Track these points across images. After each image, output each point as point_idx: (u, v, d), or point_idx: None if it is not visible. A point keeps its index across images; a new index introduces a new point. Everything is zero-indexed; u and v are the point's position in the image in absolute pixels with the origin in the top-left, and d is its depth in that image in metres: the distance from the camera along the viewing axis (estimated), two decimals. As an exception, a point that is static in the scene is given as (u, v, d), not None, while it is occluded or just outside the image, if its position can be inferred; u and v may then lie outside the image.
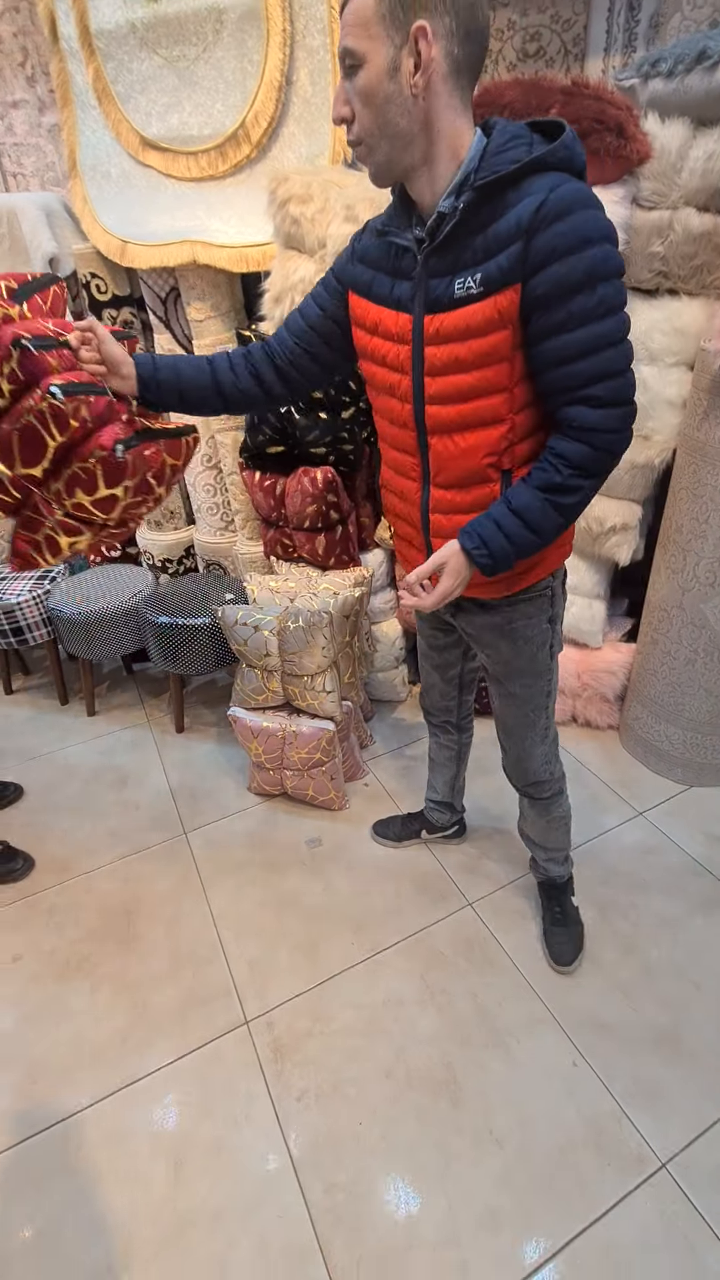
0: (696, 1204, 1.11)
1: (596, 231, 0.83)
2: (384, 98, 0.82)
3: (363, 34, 0.80)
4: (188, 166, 1.78)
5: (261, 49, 1.60)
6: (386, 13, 0.78)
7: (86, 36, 1.72)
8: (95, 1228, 1.15)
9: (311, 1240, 1.11)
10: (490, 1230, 1.10)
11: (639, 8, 1.65)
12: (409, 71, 0.80)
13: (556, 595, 1.18)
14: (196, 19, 1.62)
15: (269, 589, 1.91)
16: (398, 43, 0.79)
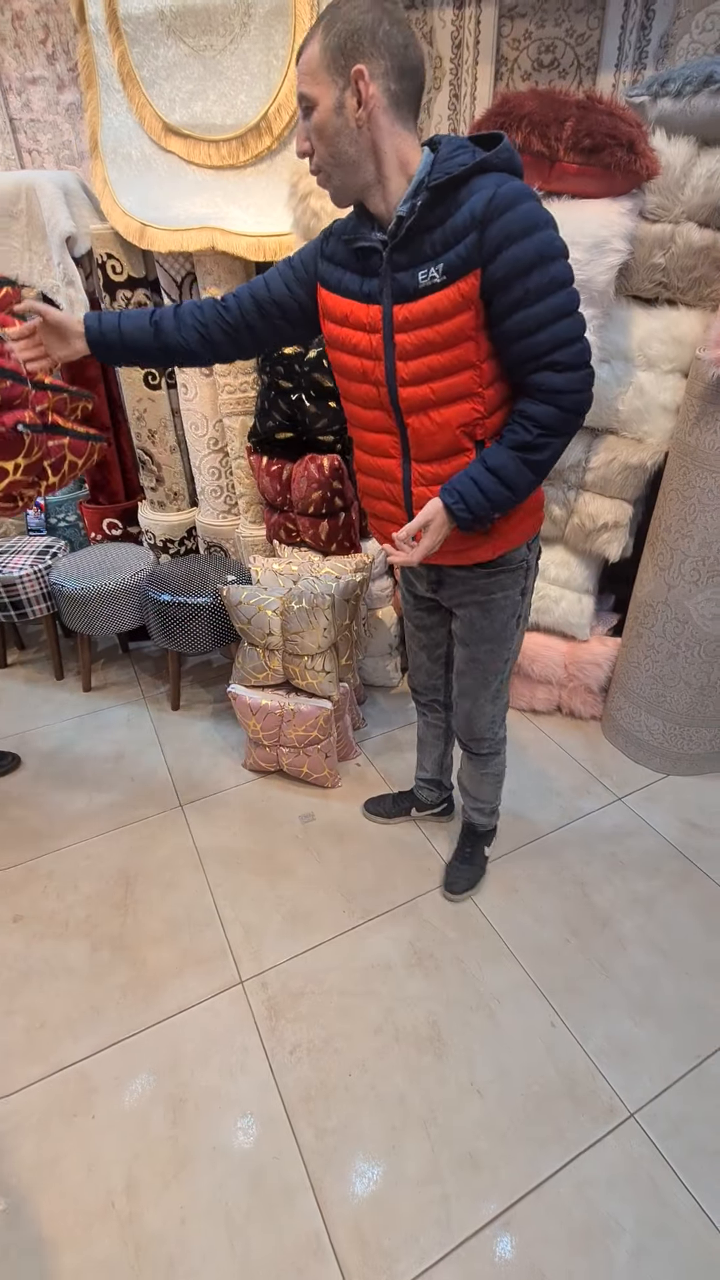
0: (660, 1148, 1.21)
1: (541, 219, 0.96)
2: (334, 131, 0.96)
3: (312, 81, 0.94)
4: (209, 154, 1.82)
5: (288, 44, 1.64)
6: (330, 61, 0.92)
7: (114, 20, 1.74)
8: (98, 1163, 1.21)
9: (304, 1178, 1.18)
10: (471, 1170, 1.19)
11: (650, 27, 1.72)
12: (353, 108, 0.94)
13: (530, 568, 1.28)
14: (225, 10, 1.65)
15: (272, 571, 1.97)
16: (341, 85, 0.93)
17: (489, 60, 1.84)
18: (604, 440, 1.87)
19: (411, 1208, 1.14)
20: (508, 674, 1.42)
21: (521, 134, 1.45)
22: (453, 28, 1.83)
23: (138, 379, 2.17)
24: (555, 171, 1.49)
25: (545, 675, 2.19)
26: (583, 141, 1.42)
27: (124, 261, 1.98)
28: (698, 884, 1.70)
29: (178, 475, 2.36)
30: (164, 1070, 1.34)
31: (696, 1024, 1.40)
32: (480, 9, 1.79)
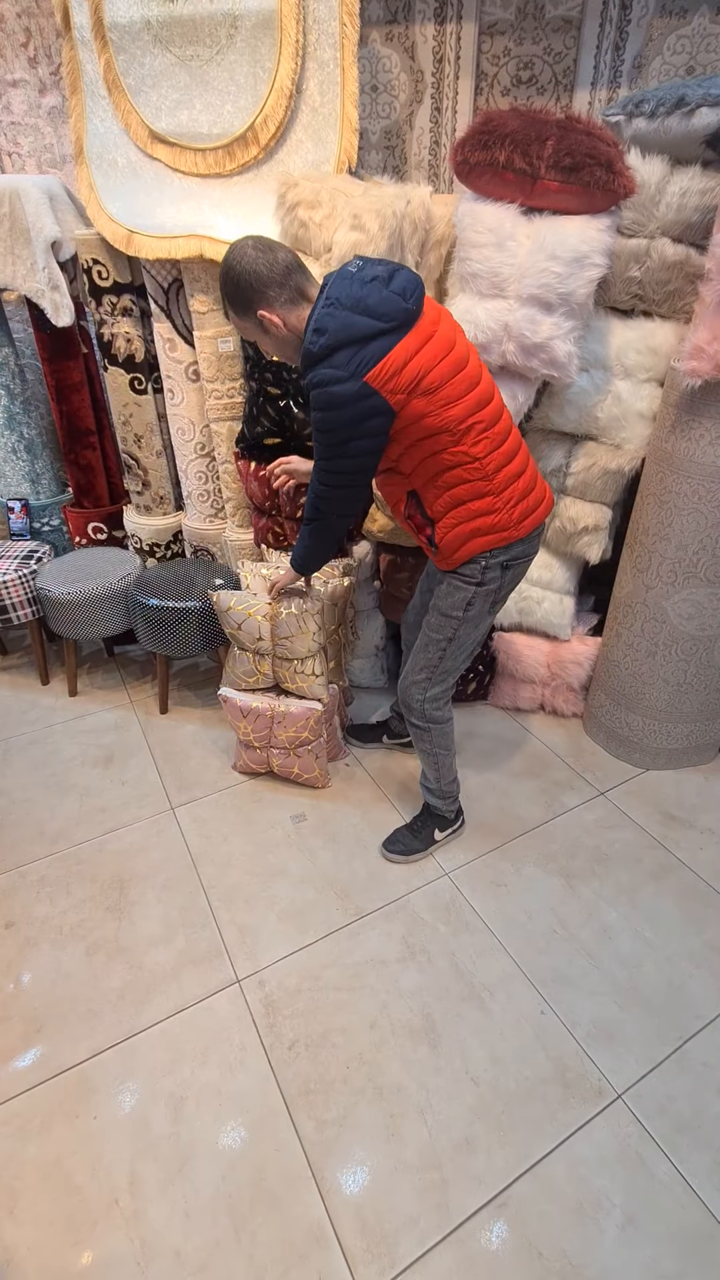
0: (647, 1127, 1.26)
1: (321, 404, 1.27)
2: (274, 344, 1.35)
3: (245, 332, 1.35)
4: (195, 162, 1.84)
5: (274, 56, 1.67)
6: (244, 319, 1.31)
7: (100, 28, 1.75)
8: (101, 1162, 1.22)
9: (305, 1168, 1.21)
10: (467, 1154, 1.23)
11: (624, 48, 1.78)
12: (275, 326, 1.30)
13: (487, 570, 1.47)
14: (211, 22, 1.67)
15: (261, 575, 1.99)
16: (260, 323, 1.30)
17: (469, 75, 1.88)
18: (584, 446, 1.93)
19: (411, 1193, 1.18)
20: (445, 664, 1.60)
21: (505, 152, 1.49)
22: (434, 43, 1.88)
23: (123, 384, 2.17)
24: (537, 189, 1.54)
25: (529, 674, 2.24)
26: (563, 160, 1.47)
27: (110, 267, 1.99)
28: (677, 874, 1.77)
29: (164, 479, 2.37)
30: (164, 1070, 1.36)
31: (678, 1008, 1.46)
32: (461, 26, 1.83)
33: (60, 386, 2.29)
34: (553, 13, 1.78)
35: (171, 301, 1.98)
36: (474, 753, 2.18)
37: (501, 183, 1.57)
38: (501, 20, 1.82)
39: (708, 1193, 1.17)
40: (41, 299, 2.05)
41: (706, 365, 1.52)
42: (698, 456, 1.67)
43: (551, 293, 1.59)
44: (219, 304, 1.90)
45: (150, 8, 1.68)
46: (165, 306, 1.99)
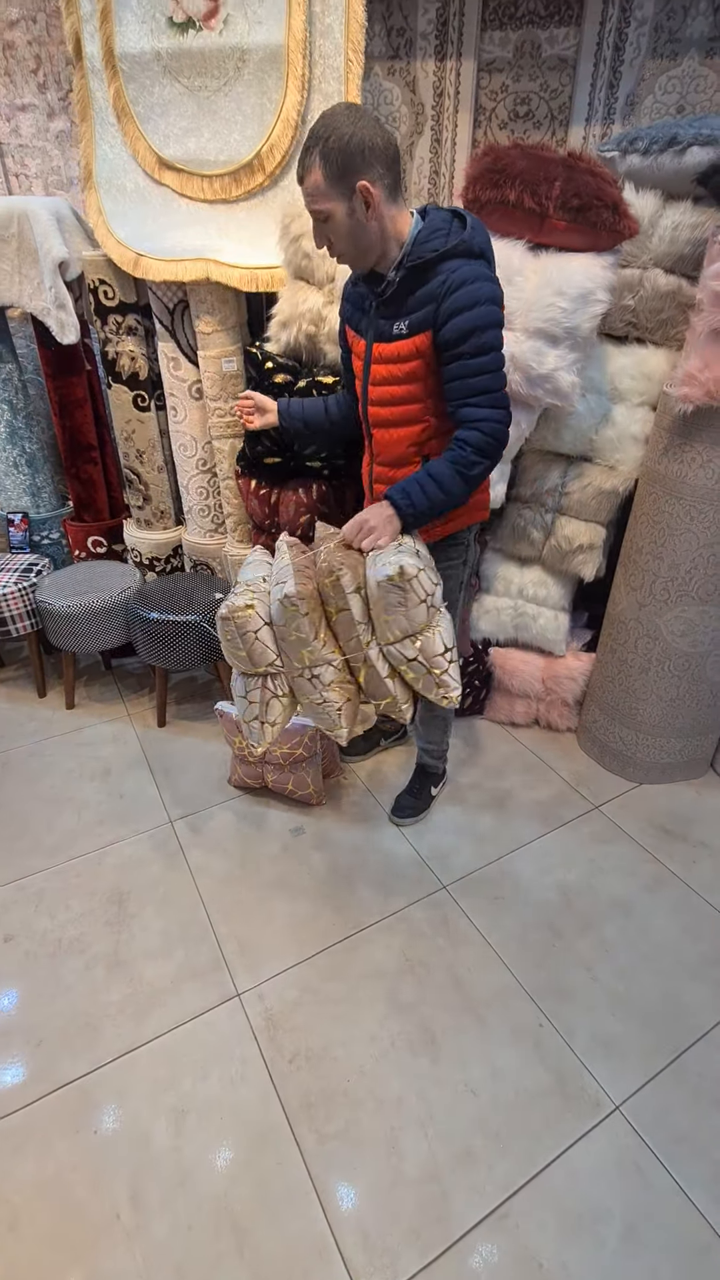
0: (645, 1138, 1.28)
1: (483, 297, 1.24)
2: (349, 231, 1.23)
3: (323, 200, 1.20)
4: (201, 188, 1.89)
5: (281, 89, 1.72)
6: (334, 183, 1.18)
7: (110, 58, 1.80)
8: (102, 1177, 1.22)
9: (306, 1181, 1.22)
10: (467, 1166, 1.24)
11: (617, 86, 1.85)
12: (363, 211, 1.21)
13: (470, 546, 1.64)
14: (220, 55, 1.73)
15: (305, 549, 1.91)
16: (349, 197, 1.19)
17: (468, 109, 1.95)
18: (579, 467, 1.98)
19: (412, 1205, 1.19)
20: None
21: (515, 191, 1.55)
22: (434, 78, 1.94)
23: (126, 401, 2.21)
24: (545, 227, 1.59)
25: (524, 689, 2.28)
26: (571, 201, 1.52)
27: (116, 287, 2.03)
28: (671, 887, 1.80)
29: (165, 494, 2.40)
30: (164, 1084, 1.36)
31: (674, 1019, 1.48)
32: (460, 62, 1.90)
33: (63, 402, 2.32)
34: (549, 52, 1.86)
35: (176, 322, 2.02)
36: (470, 766, 2.21)
37: (510, 220, 1.63)
38: (500, 58, 1.89)
39: (705, 1203, 1.19)
40: (47, 317, 2.08)
41: (698, 391, 1.57)
42: (689, 478, 1.72)
43: (557, 327, 1.64)
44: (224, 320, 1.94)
45: (160, 40, 1.74)
46: (170, 326, 2.03)
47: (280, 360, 1.88)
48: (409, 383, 1.36)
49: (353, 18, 1.68)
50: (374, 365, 1.38)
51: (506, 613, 2.21)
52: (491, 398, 1.30)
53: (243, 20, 1.68)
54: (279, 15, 1.66)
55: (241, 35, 1.69)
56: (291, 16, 1.65)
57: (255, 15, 1.67)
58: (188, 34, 1.71)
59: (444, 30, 1.87)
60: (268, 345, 1.90)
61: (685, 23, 1.76)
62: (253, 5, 1.66)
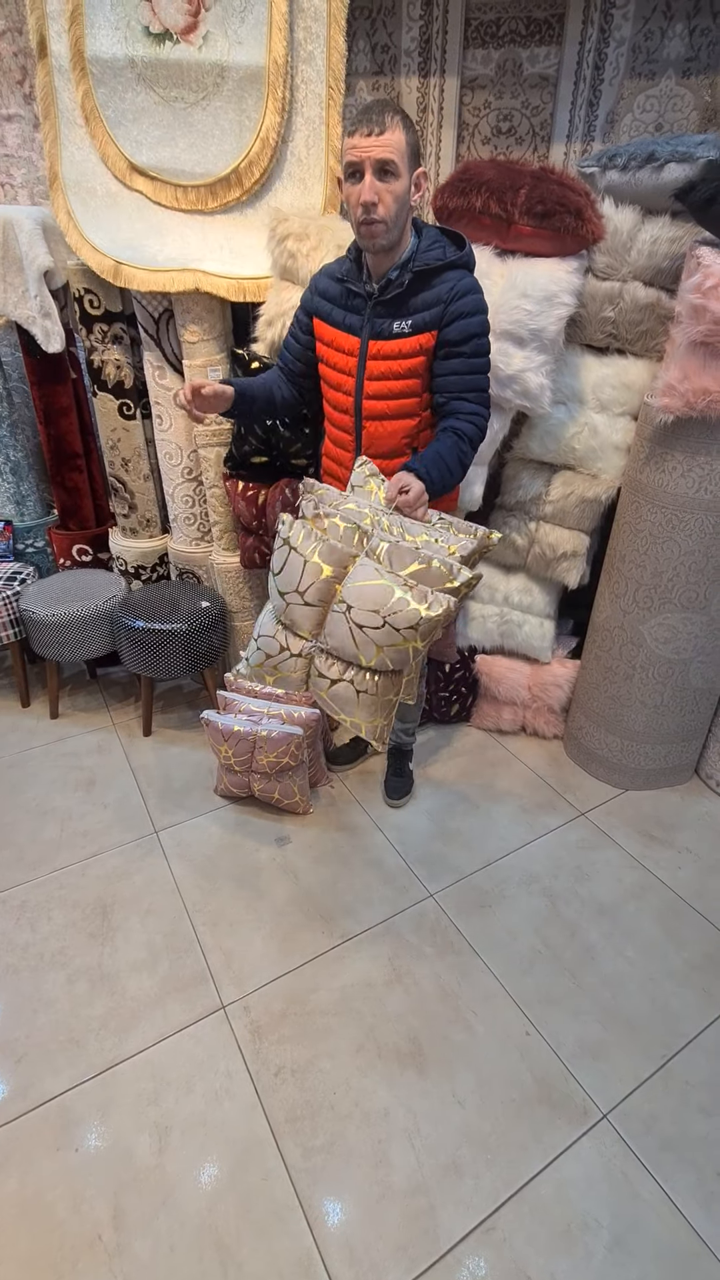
0: (632, 1146, 1.27)
1: (482, 307, 1.41)
2: (401, 202, 1.32)
3: (399, 158, 1.28)
4: (176, 197, 1.88)
5: (260, 109, 1.74)
6: (410, 155, 1.30)
7: (79, 60, 1.77)
8: (84, 1196, 1.20)
9: (292, 1197, 1.20)
10: (454, 1178, 1.23)
11: (597, 105, 1.89)
12: (411, 194, 1.33)
13: None
14: (199, 70, 1.73)
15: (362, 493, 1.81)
16: (410, 175, 1.32)
17: (451, 125, 1.98)
18: (561, 475, 2.00)
19: (399, 1219, 1.17)
20: None
21: (481, 198, 1.58)
22: (418, 94, 1.97)
23: (112, 409, 2.20)
24: (511, 232, 1.63)
25: (510, 696, 2.29)
26: (535, 207, 1.56)
27: (101, 296, 2.03)
28: (657, 893, 1.80)
29: (150, 503, 2.39)
30: (147, 1099, 1.34)
31: (661, 1026, 1.48)
32: (444, 79, 1.93)
33: (48, 410, 2.31)
34: (530, 70, 1.89)
35: (162, 331, 2.02)
36: (457, 774, 2.21)
37: (478, 226, 1.67)
38: (482, 75, 1.93)
39: (692, 1211, 1.19)
40: (33, 326, 2.07)
41: (677, 402, 1.59)
42: (670, 487, 1.74)
43: (523, 328, 1.68)
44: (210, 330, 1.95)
45: (136, 48, 1.74)
46: (155, 336, 2.03)
47: (265, 360, 1.90)
48: (409, 378, 1.45)
49: (333, 48, 1.71)
50: (370, 362, 1.45)
51: (492, 620, 2.22)
52: (483, 396, 1.45)
53: (223, 39, 1.69)
54: (260, 38, 1.67)
55: (221, 53, 1.70)
56: (272, 40, 1.67)
57: (236, 35, 1.68)
58: (164, 45, 1.72)
59: (427, 48, 1.90)
60: (254, 345, 1.92)
61: (662, 44, 1.80)
62: (234, 25, 1.68)
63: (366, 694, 1.43)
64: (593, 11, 1.79)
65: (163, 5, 1.70)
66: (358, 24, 1.90)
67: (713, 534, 1.75)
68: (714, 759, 2.14)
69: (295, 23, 1.69)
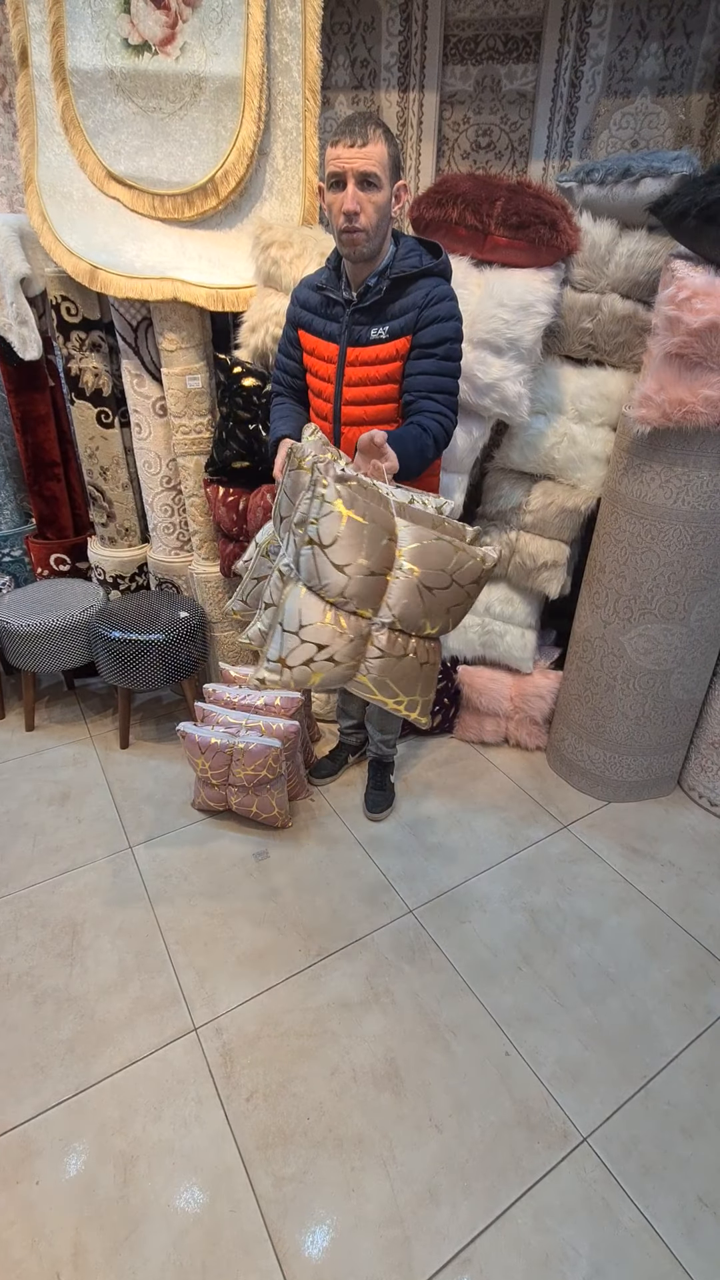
0: (613, 1171, 1.24)
1: (455, 313, 1.43)
2: (381, 213, 1.35)
3: (380, 170, 1.31)
4: (153, 206, 1.88)
5: (237, 119, 1.74)
6: (391, 167, 1.33)
7: (60, 71, 1.78)
8: (43, 1233, 1.14)
9: (261, 1229, 1.16)
10: (431, 1207, 1.18)
11: (574, 121, 1.91)
12: (392, 205, 1.37)
13: None
14: (176, 80, 1.74)
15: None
16: (391, 186, 1.35)
17: (431, 140, 1.99)
18: (541, 485, 1.99)
19: (372, 1252, 1.13)
20: None
21: (457, 209, 1.59)
22: (398, 108, 1.99)
23: (90, 417, 2.18)
24: (488, 243, 1.64)
25: (492, 708, 2.27)
26: (511, 219, 1.57)
27: (78, 303, 2.01)
28: (639, 906, 1.78)
29: (129, 512, 2.36)
30: (113, 1127, 1.29)
31: (642, 1045, 1.45)
32: (423, 94, 1.94)
33: (26, 418, 2.28)
34: (509, 86, 1.91)
35: (140, 339, 2.00)
36: (439, 786, 2.18)
37: (454, 237, 1.69)
38: (461, 91, 1.94)
39: (673, 1238, 1.15)
40: (9, 333, 2.05)
41: (654, 413, 1.59)
42: (648, 498, 1.74)
43: (500, 337, 1.69)
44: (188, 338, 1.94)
45: (114, 59, 1.74)
46: (133, 344, 2.01)
47: (248, 365, 1.89)
48: (386, 383, 1.48)
49: (309, 59, 1.72)
50: (348, 368, 1.48)
51: (474, 630, 2.20)
52: (450, 400, 1.46)
53: (200, 50, 1.69)
54: (236, 49, 1.68)
55: (199, 64, 1.71)
56: (249, 51, 1.68)
57: (213, 46, 1.69)
58: (143, 56, 1.72)
59: (406, 63, 1.92)
60: (238, 351, 1.91)
61: (637, 63, 1.83)
62: (210, 36, 1.68)
63: (429, 664, 1.37)
64: (569, 30, 1.81)
65: (141, 17, 1.71)
66: (337, 39, 1.91)
67: (691, 545, 1.75)
68: (696, 771, 2.13)
69: (271, 34, 1.69)
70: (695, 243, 1.52)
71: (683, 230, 1.51)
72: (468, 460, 1.90)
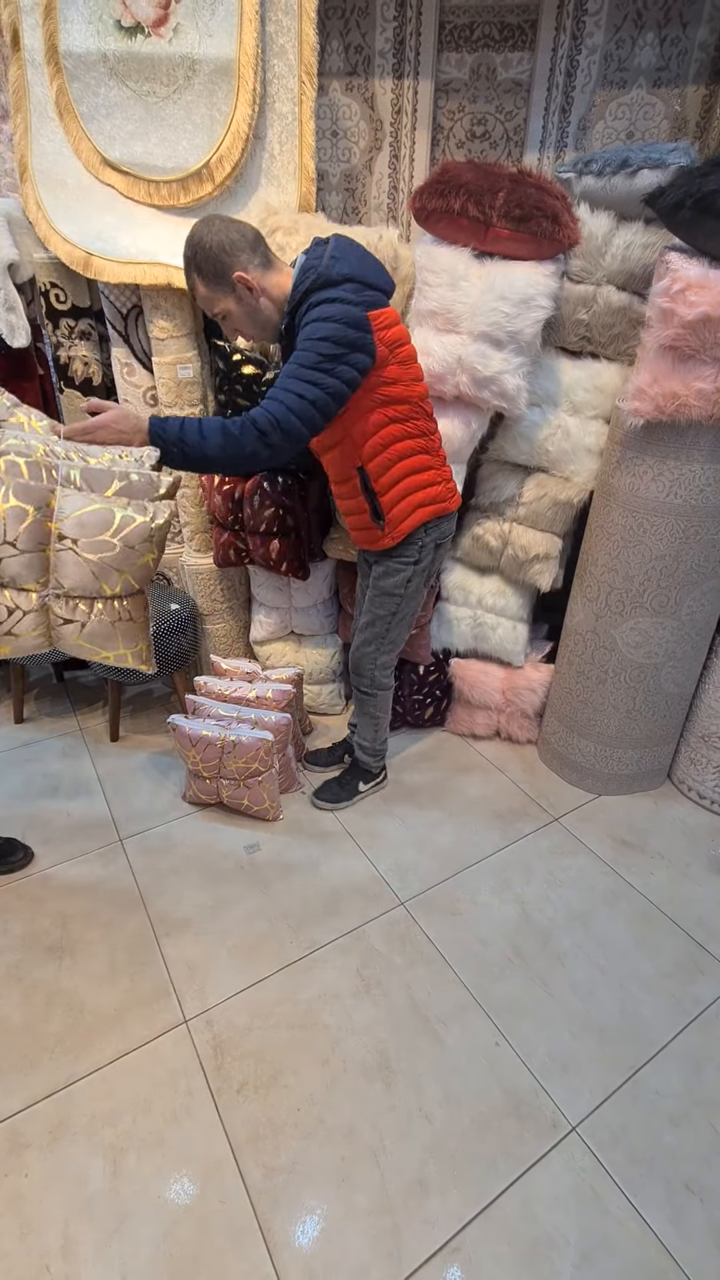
0: (601, 1160, 1.25)
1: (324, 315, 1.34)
2: (247, 316, 1.43)
3: (216, 303, 1.41)
4: (148, 193, 1.85)
5: (231, 102, 1.71)
6: (216, 287, 1.39)
7: (54, 54, 1.74)
8: (32, 1225, 1.14)
9: (252, 1220, 1.16)
10: (420, 1196, 1.19)
11: (570, 111, 1.90)
12: (249, 297, 1.40)
13: (423, 549, 1.67)
14: (169, 63, 1.71)
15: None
16: (233, 291, 1.39)
17: (426, 128, 1.97)
18: (535, 477, 1.99)
19: (362, 1241, 1.13)
20: (391, 635, 1.80)
21: (460, 200, 1.57)
22: (393, 95, 1.96)
23: (80, 407, 2.15)
24: (489, 235, 1.62)
25: (484, 701, 2.27)
26: (513, 211, 1.55)
27: (68, 291, 1.98)
28: (629, 899, 1.79)
29: (120, 502, 2.34)
30: (103, 1120, 1.29)
31: (631, 1035, 1.46)
32: (418, 82, 1.92)
33: (14, 407, 2.25)
34: (504, 75, 1.89)
35: (130, 327, 1.98)
36: (430, 779, 2.18)
37: (456, 228, 1.66)
38: (456, 79, 1.92)
39: (661, 1225, 1.16)
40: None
41: (648, 406, 1.59)
42: (641, 491, 1.74)
43: (501, 330, 1.67)
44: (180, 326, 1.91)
45: (107, 42, 1.71)
46: (123, 332, 1.99)
47: (247, 353, 1.87)
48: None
49: (305, 41, 1.69)
50: None
51: (466, 622, 2.20)
52: (291, 384, 1.34)
53: (193, 31, 1.66)
54: (230, 30, 1.65)
55: (192, 46, 1.68)
56: (243, 32, 1.65)
57: (206, 28, 1.66)
58: (136, 39, 1.69)
59: (401, 50, 1.90)
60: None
61: (633, 52, 1.82)
62: (204, 17, 1.65)
63: (122, 621, 1.41)
64: (565, 18, 1.80)
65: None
66: (331, 24, 1.89)
67: (683, 538, 1.75)
68: (685, 764, 2.14)
69: (266, 15, 1.67)
70: (690, 235, 1.52)
71: (678, 222, 1.51)
72: (465, 451, 1.89)
